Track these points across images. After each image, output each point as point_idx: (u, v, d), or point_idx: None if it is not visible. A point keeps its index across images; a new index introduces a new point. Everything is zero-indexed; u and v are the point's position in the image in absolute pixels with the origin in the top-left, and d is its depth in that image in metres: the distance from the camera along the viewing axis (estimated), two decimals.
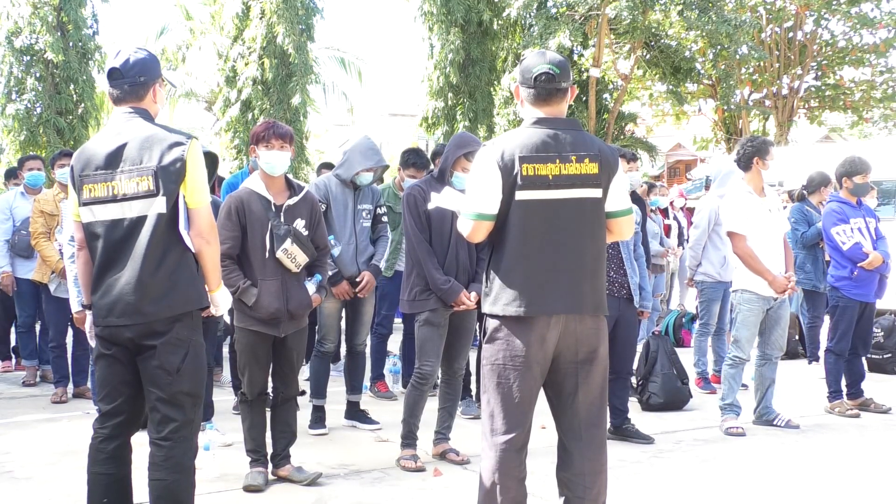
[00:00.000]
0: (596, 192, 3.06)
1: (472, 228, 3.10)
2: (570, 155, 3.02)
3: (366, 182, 5.46)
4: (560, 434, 3.17)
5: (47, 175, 7.79)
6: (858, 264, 6.28)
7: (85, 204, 3.16)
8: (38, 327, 7.44)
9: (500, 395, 3.05)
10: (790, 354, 8.60)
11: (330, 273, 5.05)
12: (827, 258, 6.90)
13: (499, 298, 3.05)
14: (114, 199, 3.09)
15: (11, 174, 8.20)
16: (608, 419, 4.42)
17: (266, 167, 4.36)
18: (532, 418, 3.12)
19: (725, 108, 20.59)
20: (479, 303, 4.62)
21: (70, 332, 6.62)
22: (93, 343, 3.31)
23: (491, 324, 3.09)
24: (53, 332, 6.56)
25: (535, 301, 3.00)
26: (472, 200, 3.10)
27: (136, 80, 3.19)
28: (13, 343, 7.94)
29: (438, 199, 3.62)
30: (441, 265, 4.67)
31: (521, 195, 3.00)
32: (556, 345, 3.04)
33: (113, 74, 3.20)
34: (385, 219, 5.67)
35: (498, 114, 17.62)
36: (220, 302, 3.36)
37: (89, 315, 3.30)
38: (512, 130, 3.14)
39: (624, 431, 5.41)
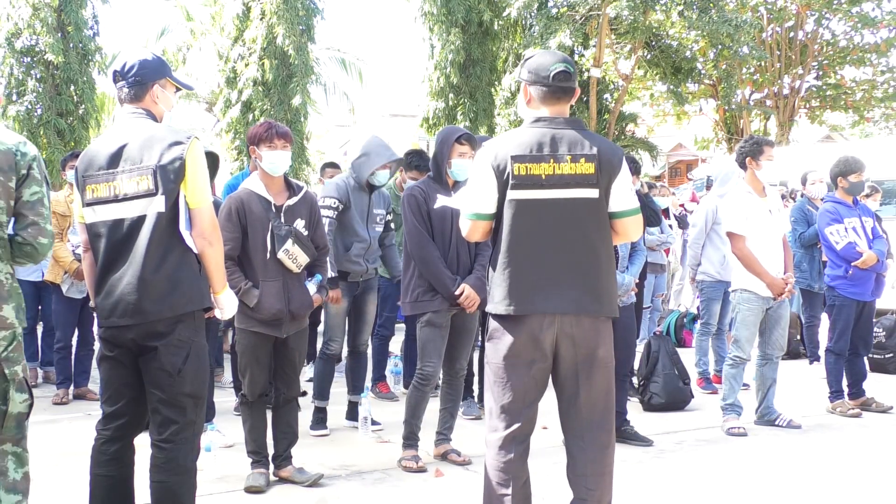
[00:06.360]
0: (591, 193, 3.04)
1: (469, 228, 3.17)
2: (564, 155, 3.02)
3: (382, 181, 5.52)
4: (563, 435, 3.18)
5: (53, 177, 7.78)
6: (852, 264, 6.29)
7: (88, 204, 3.16)
8: (39, 330, 7.43)
9: (496, 392, 3.10)
10: (792, 354, 8.58)
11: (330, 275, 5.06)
12: (824, 258, 6.91)
13: (494, 297, 3.10)
14: (115, 199, 3.09)
15: None
16: None
17: (269, 167, 4.35)
18: (533, 416, 3.12)
19: (726, 108, 20.56)
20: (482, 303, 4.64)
21: (76, 332, 6.61)
22: None
23: (491, 323, 3.13)
24: (61, 333, 6.53)
25: (525, 300, 3.02)
26: (468, 200, 3.15)
27: (133, 81, 3.21)
28: None
29: (447, 199, 3.64)
30: None
31: (513, 194, 3.03)
32: (556, 345, 3.04)
33: (115, 77, 3.26)
34: (392, 225, 5.82)
35: (499, 114, 17.60)
36: (226, 304, 3.34)
37: None
38: (511, 130, 3.16)
39: (622, 433, 5.36)
